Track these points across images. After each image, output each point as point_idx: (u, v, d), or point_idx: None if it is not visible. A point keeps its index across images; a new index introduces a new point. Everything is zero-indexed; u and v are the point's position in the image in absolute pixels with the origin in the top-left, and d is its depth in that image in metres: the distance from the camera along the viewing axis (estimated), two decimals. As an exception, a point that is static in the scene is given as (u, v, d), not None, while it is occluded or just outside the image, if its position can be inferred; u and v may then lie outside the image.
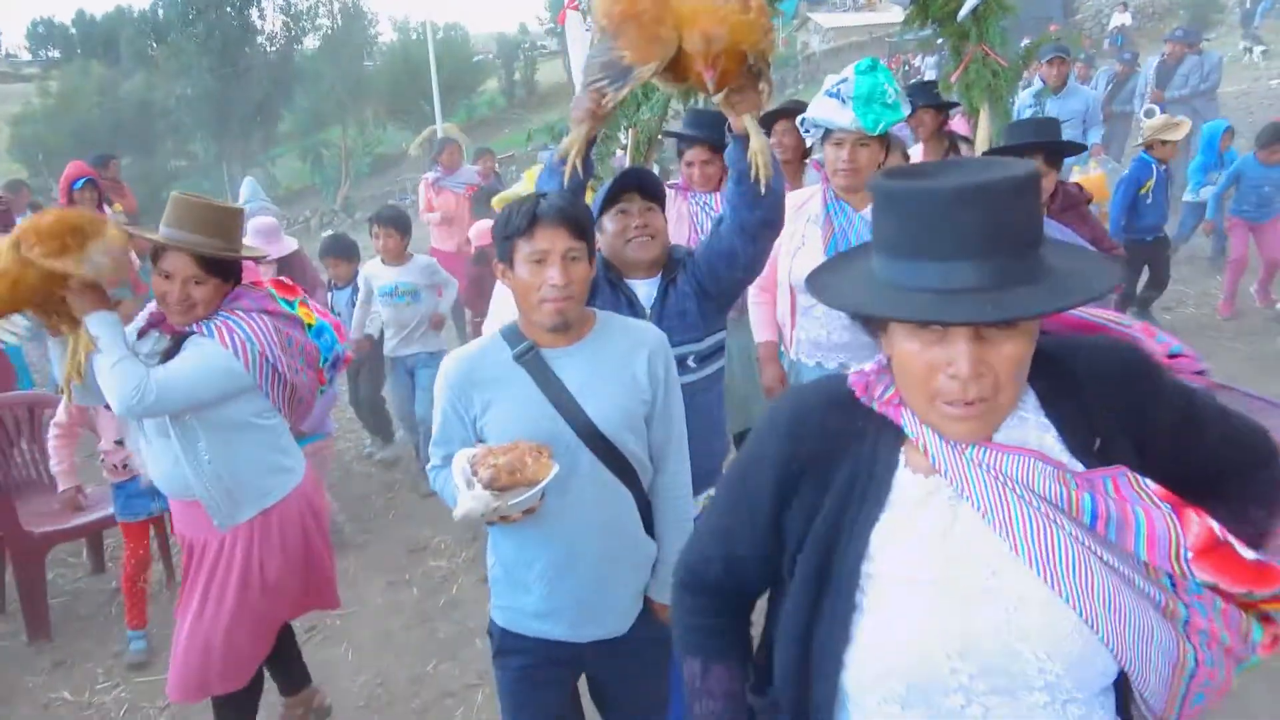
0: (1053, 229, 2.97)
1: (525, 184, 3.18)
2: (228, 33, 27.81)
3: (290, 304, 2.76)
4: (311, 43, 30.56)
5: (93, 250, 2.35)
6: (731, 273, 2.40)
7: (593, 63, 2.13)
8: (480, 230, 6.09)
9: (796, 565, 1.27)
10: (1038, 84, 6.78)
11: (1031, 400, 1.21)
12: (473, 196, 7.49)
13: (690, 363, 2.40)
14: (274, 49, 29.16)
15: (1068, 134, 5.55)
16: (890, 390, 1.23)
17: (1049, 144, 3.62)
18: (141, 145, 30.48)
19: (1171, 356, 1.31)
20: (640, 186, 2.42)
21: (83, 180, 6.33)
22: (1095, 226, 3.78)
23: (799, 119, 3.17)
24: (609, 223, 2.44)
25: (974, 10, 4.02)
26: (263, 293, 2.67)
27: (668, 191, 3.85)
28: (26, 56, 62.16)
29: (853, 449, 1.26)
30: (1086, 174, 5.95)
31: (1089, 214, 3.80)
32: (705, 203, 3.88)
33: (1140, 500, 1.12)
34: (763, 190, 2.23)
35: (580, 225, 1.90)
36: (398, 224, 5.03)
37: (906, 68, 22.15)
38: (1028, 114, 6.25)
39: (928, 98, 4.81)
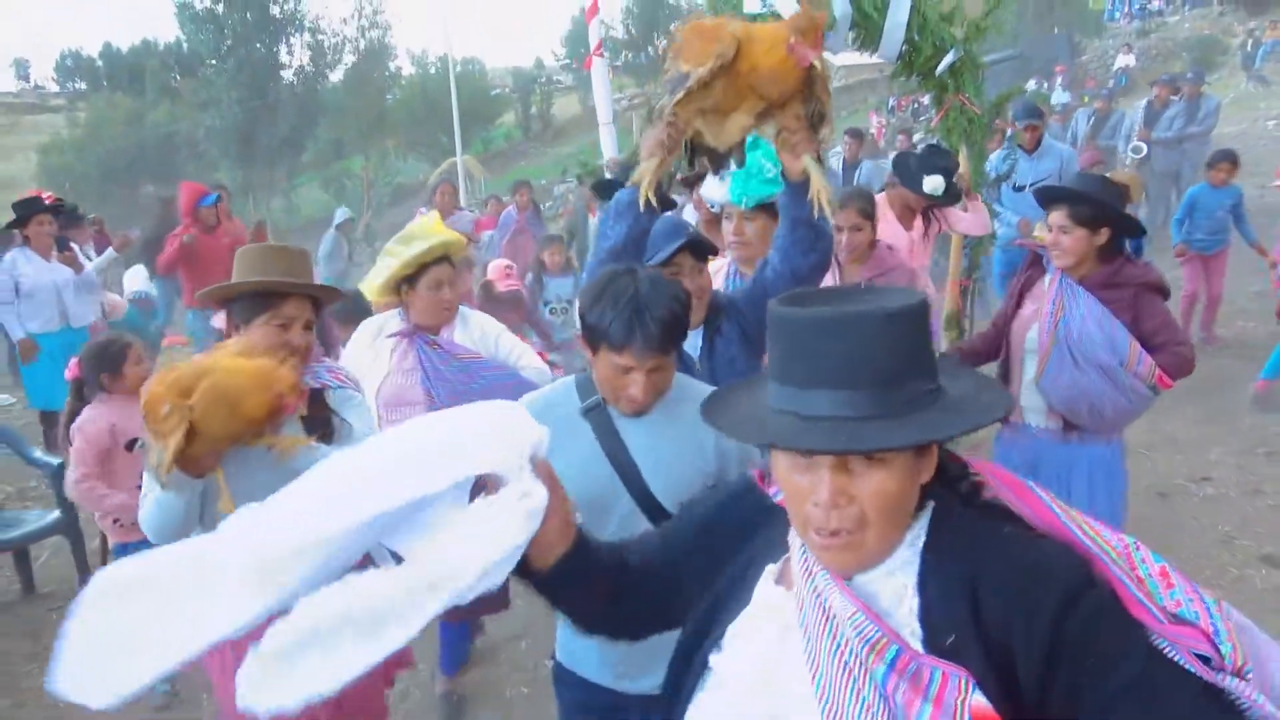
0: (1092, 313, 2.98)
1: (425, 226, 3.13)
2: (257, 67, 28.53)
3: None
4: (336, 76, 31.25)
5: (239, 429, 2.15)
6: (802, 261, 2.35)
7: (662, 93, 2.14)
8: (496, 268, 6.04)
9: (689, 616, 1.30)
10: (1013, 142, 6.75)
11: (915, 563, 1.12)
12: (525, 234, 7.48)
13: None
14: (300, 83, 29.85)
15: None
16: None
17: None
18: (165, 174, 31.14)
19: (1177, 621, 1.05)
20: (692, 247, 2.41)
21: (213, 197, 6.92)
22: (1146, 307, 3.07)
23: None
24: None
25: (951, 65, 4.49)
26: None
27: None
28: (54, 88, 63.50)
29: (760, 533, 1.29)
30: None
31: (1144, 297, 3.09)
32: None
33: (944, 712, 1.00)
34: (817, 234, 2.24)
35: (671, 344, 1.89)
36: (342, 317, 4.61)
37: (916, 105, 22.65)
38: (997, 173, 6.33)
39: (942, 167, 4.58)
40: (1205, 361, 6.02)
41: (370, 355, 3.16)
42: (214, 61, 28.91)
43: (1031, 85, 21.80)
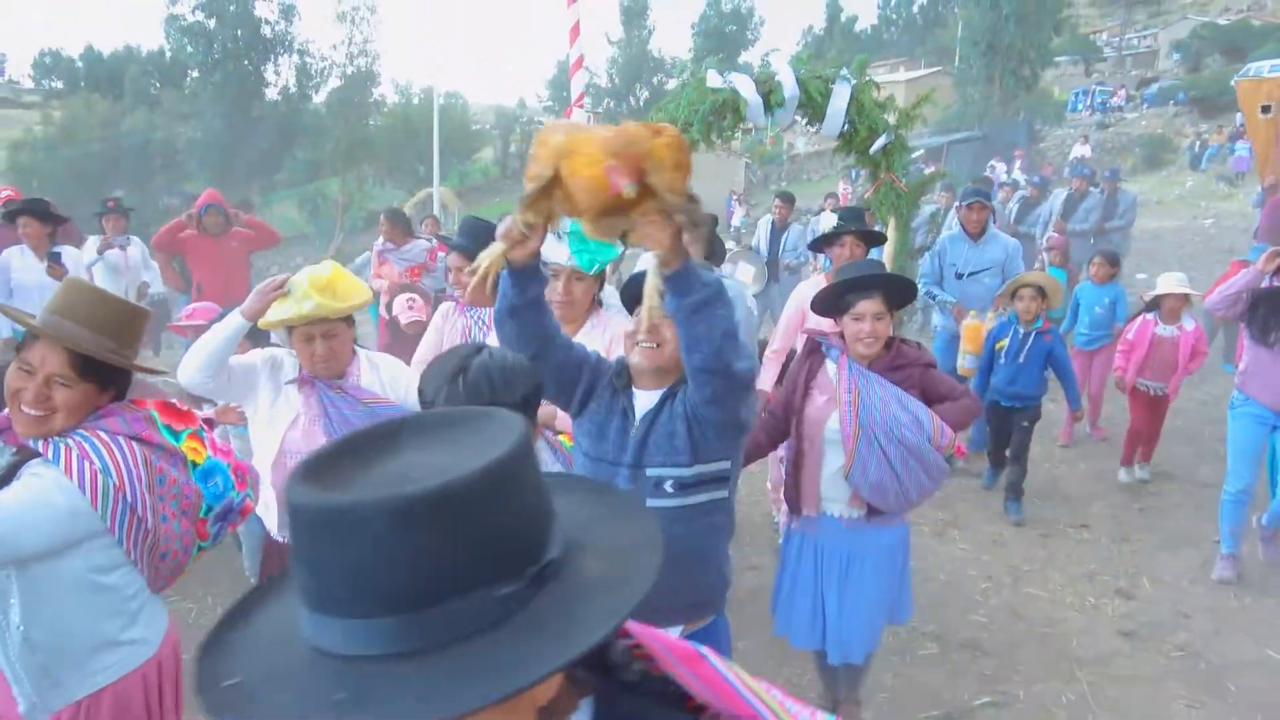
0: (890, 390, 2.98)
1: (306, 281, 2.87)
2: (244, 82, 28.99)
3: (175, 434, 2.21)
4: (319, 99, 31.76)
5: None
6: (703, 410, 2.25)
7: None
8: (400, 301, 5.71)
9: None
10: (954, 227, 6.19)
11: None
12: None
13: (667, 487, 2.29)
14: (283, 102, 30.34)
15: (986, 283, 5.80)
16: None
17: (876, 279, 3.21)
18: (137, 181, 31.24)
19: None
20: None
21: (208, 206, 7.12)
22: (931, 382, 3.18)
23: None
24: (629, 323, 2.41)
25: (884, 147, 5.12)
26: (141, 414, 2.14)
27: (444, 305, 3.89)
28: (29, 84, 63.19)
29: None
30: (980, 322, 5.56)
31: (926, 372, 3.18)
32: (480, 317, 3.72)
33: None
34: (720, 373, 2.11)
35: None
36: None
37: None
38: (934, 259, 6.06)
39: (857, 223, 4.64)
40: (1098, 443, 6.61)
41: (268, 392, 3.01)
42: (199, 74, 29.31)
43: (996, 166, 22.96)
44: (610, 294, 3.33)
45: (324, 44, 31.62)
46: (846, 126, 5.13)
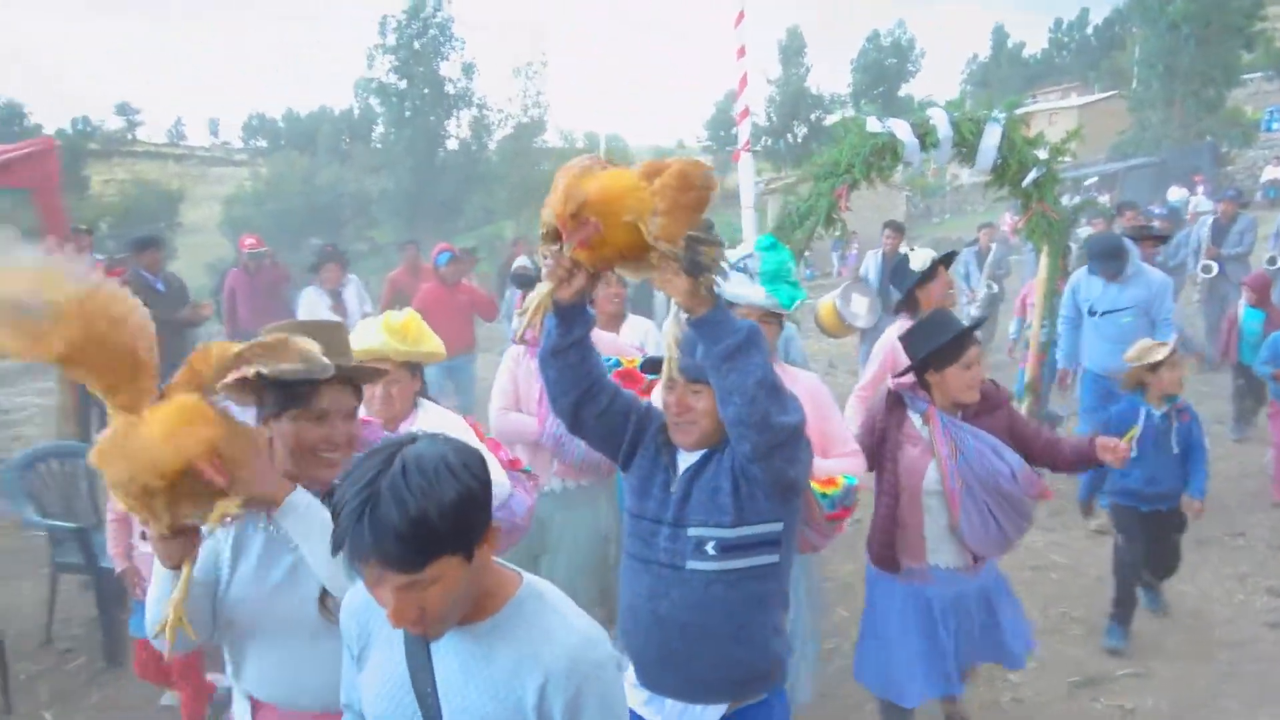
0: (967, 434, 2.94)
1: (373, 325, 2.94)
2: (429, 136, 31.57)
3: None
4: (491, 148, 34.03)
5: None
6: (748, 469, 2.11)
7: None
8: None
9: None
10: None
11: None
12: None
13: (709, 549, 2.14)
14: (462, 152, 32.76)
15: (1129, 324, 5.36)
16: None
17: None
18: (330, 229, 34.29)
19: None
20: (684, 364, 2.15)
21: (447, 255, 7.46)
22: (1019, 422, 3.17)
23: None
24: (659, 388, 2.30)
25: (1035, 180, 5.54)
26: (373, 424, 2.31)
27: (514, 348, 3.75)
28: (239, 144, 70.40)
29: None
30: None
31: (1012, 412, 3.18)
32: None
33: None
34: (757, 422, 1.96)
35: (415, 557, 1.32)
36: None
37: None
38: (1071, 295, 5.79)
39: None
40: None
41: None
42: (387, 129, 32.11)
43: (1179, 192, 22.01)
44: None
45: (499, 97, 33.86)
46: (998, 161, 5.60)
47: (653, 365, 2.29)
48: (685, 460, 2.22)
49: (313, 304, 7.24)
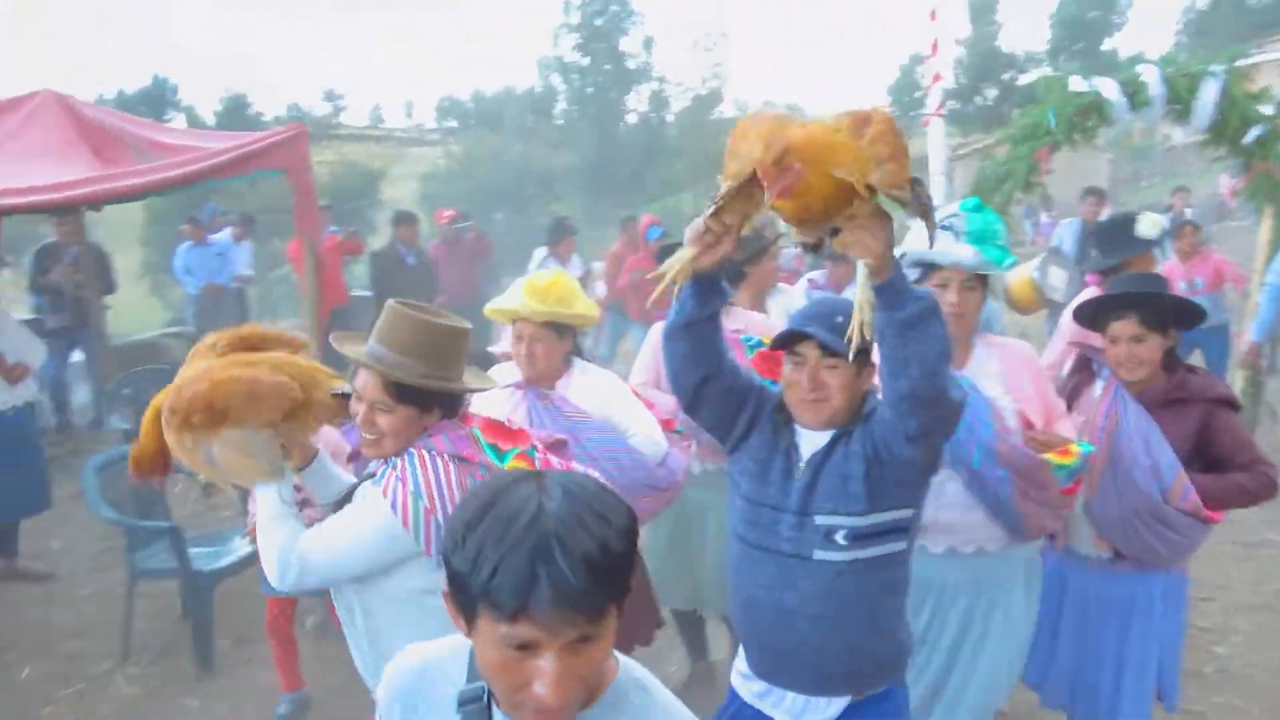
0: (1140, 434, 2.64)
1: (526, 283, 3.00)
2: (610, 112, 32.30)
3: (500, 454, 2.20)
4: (671, 120, 34.38)
5: (227, 437, 2.12)
6: (899, 448, 1.98)
7: None
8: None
9: None
10: None
11: None
12: None
13: (839, 538, 2.03)
14: (642, 126, 33.31)
15: None
16: None
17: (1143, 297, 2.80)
18: (516, 204, 35.66)
19: None
20: (820, 338, 2.01)
21: (659, 229, 7.87)
22: (1217, 426, 2.75)
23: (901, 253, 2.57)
24: (785, 364, 2.14)
25: (1259, 138, 5.20)
26: (465, 431, 2.18)
27: (659, 325, 3.56)
28: (431, 125, 74.22)
29: None
30: None
31: (1217, 415, 2.75)
32: None
33: None
34: (895, 355, 1.85)
35: (606, 598, 1.09)
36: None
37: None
38: None
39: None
40: None
41: (493, 403, 2.99)
42: (574, 107, 33.06)
43: None
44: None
45: (678, 70, 34.08)
46: (1216, 119, 5.30)
47: (785, 339, 2.11)
48: (810, 444, 2.10)
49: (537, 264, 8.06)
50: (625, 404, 3.09)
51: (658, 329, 3.77)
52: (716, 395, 2.10)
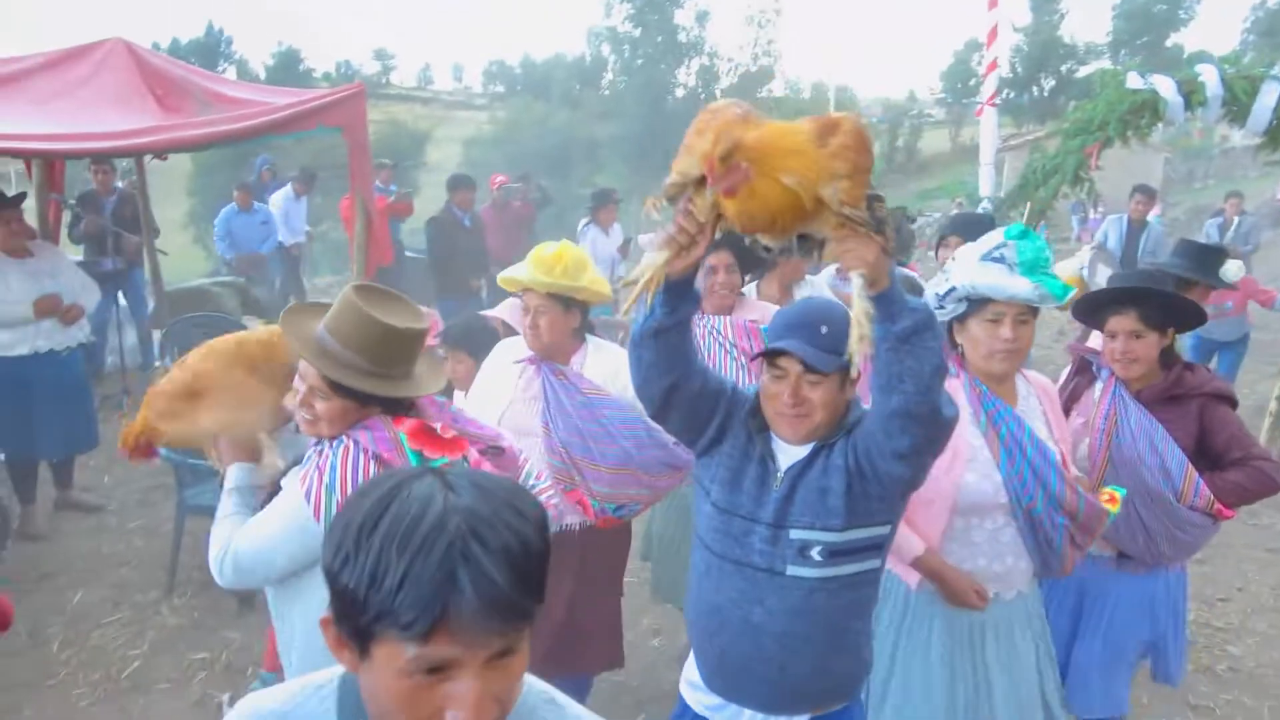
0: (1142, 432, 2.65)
1: (537, 254, 2.93)
2: (659, 84, 32.23)
3: (426, 463, 2.04)
4: (719, 95, 34.24)
5: (203, 419, 2.30)
6: (886, 464, 1.89)
7: None
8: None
9: None
10: None
11: None
12: None
13: (814, 554, 1.95)
14: (689, 99, 33.18)
15: None
16: None
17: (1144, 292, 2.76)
18: (559, 173, 35.68)
19: None
20: (801, 356, 1.92)
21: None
22: (1215, 420, 2.74)
23: (934, 293, 2.52)
24: (765, 376, 2.04)
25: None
26: (389, 435, 2.06)
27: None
28: (478, 89, 74.42)
29: None
30: None
31: (1214, 409, 2.75)
32: (715, 327, 3.51)
33: None
34: (890, 370, 1.75)
35: (531, 602, 0.97)
36: (471, 344, 3.57)
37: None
38: None
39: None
40: None
41: (501, 379, 3.06)
42: (622, 77, 33.05)
43: None
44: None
45: (730, 46, 33.98)
46: (1273, 122, 5.25)
47: (772, 354, 1.99)
48: (788, 455, 2.02)
49: (594, 241, 8.31)
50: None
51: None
52: (685, 401, 2.00)
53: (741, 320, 3.49)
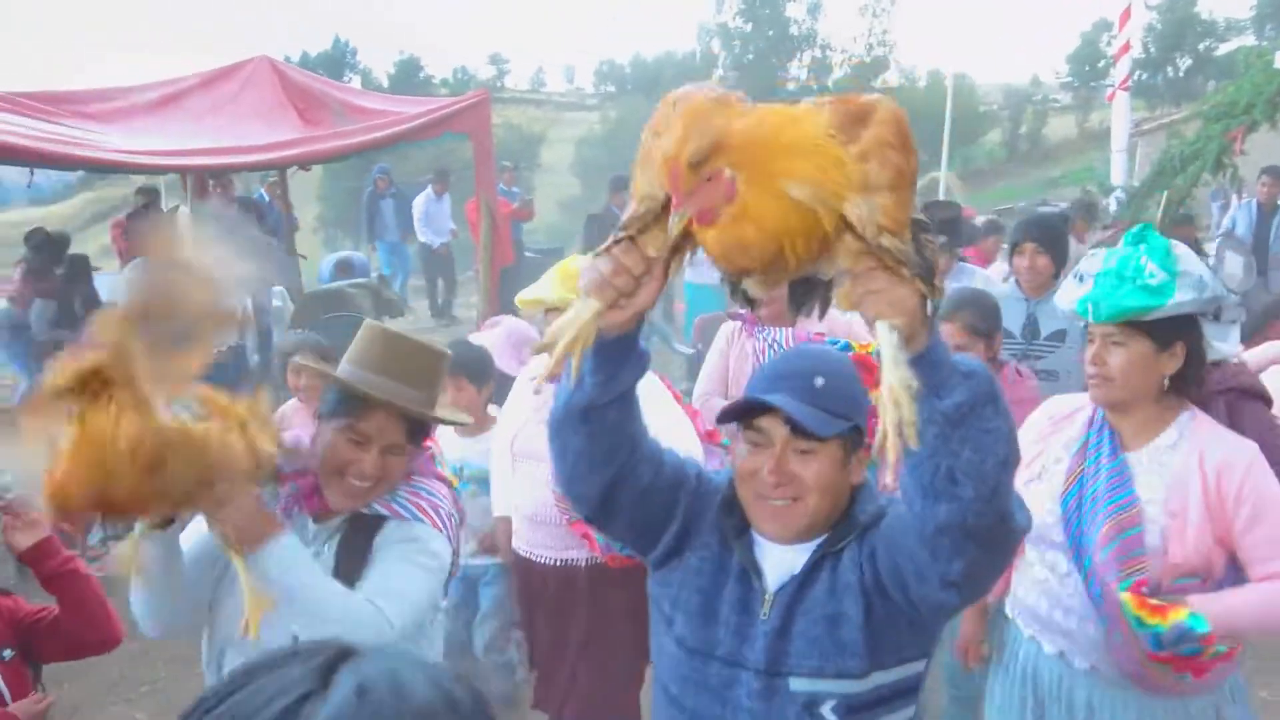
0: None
1: (556, 272, 2.67)
2: (769, 78, 32.07)
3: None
4: (831, 87, 33.79)
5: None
6: (929, 591, 1.37)
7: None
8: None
9: None
10: None
11: None
12: None
13: (825, 711, 1.42)
14: (800, 93, 32.91)
15: None
16: None
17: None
18: (669, 170, 35.82)
19: None
20: (789, 413, 1.41)
21: None
22: (1254, 428, 2.18)
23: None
24: (739, 445, 1.52)
25: None
26: (429, 454, 1.99)
27: (728, 324, 3.32)
28: (590, 90, 75.46)
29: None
30: None
31: (1261, 416, 2.29)
32: (775, 340, 3.11)
33: None
34: (932, 472, 1.23)
35: None
36: (470, 370, 3.27)
37: None
38: None
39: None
40: None
41: (518, 399, 2.95)
42: (731, 73, 32.92)
43: None
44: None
45: (844, 37, 33.42)
46: None
47: (740, 411, 1.50)
48: (778, 564, 1.47)
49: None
50: (657, 410, 2.41)
51: (728, 328, 3.29)
52: (632, 501, 1.46)
53: (806, 333, 3.01)
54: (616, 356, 1.31)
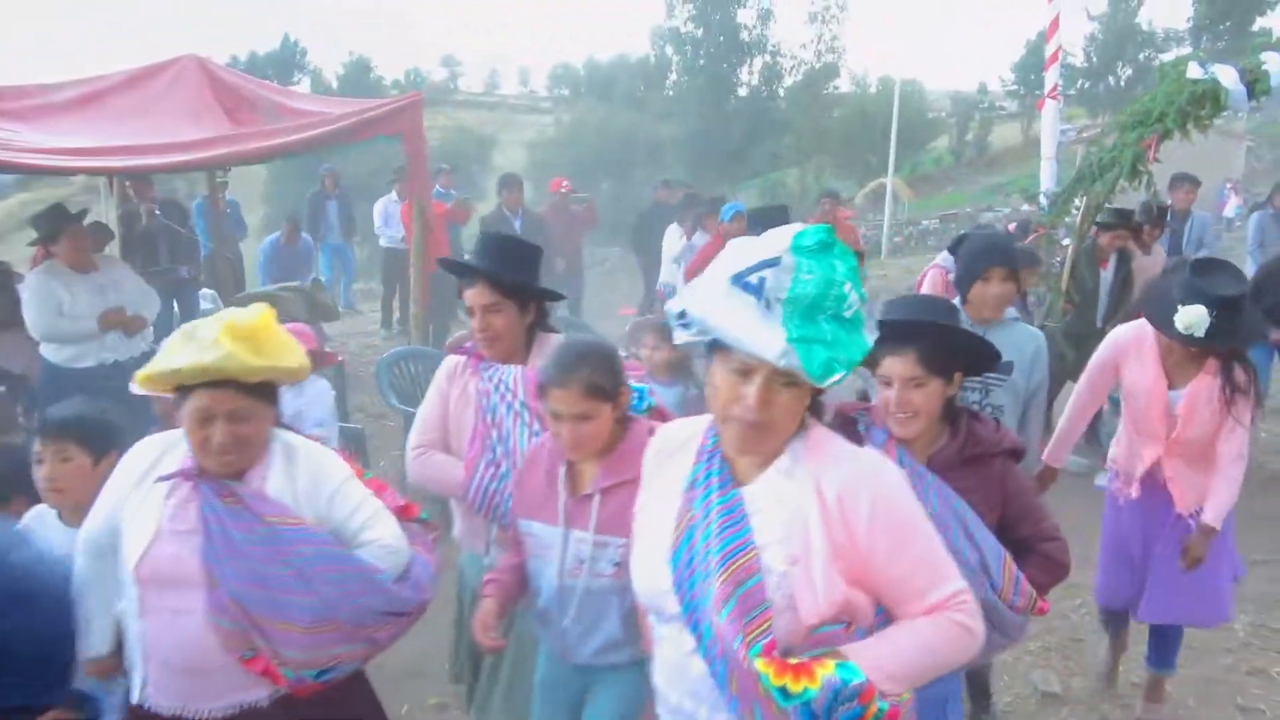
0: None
1: (216, 325, 1.98)
2: (721, 84, 32.23)
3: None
4: (783, 93, 34.05)
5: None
6: None
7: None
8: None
9: None
10: None
11: None
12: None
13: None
14: (751, 99, 33.13)
15: None
16: None
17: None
18: (621, 174, 35.80)
19: None
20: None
21: (734, 208, 7.45)
22: (1016, 487, 2.24)
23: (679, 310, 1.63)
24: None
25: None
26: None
27: (450, 359, 2.79)
28: (544, 93, 75.22)
29: None
30: None
31: (1012, 471, 2.25)
32: (502, 380, 2.61)
33: None
34: None
35: None
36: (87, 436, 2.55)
37: None
38: None
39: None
40: None
41: (137, 499, 2.08)
42: (684, 77, 33.06)
43: None
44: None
45: (793, 43, 33.61)
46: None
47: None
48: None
49: (672, 241, 8.35)
50: (354, 495, 2.19)
51: (449, 363, 2.77)
52: None
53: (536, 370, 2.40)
54: None
